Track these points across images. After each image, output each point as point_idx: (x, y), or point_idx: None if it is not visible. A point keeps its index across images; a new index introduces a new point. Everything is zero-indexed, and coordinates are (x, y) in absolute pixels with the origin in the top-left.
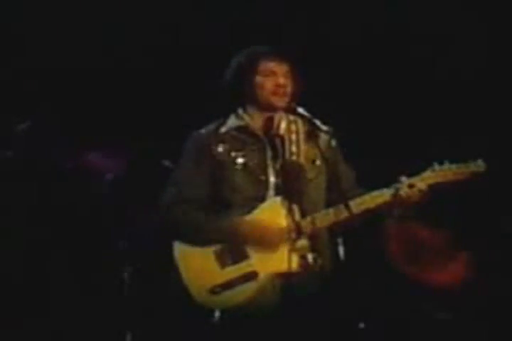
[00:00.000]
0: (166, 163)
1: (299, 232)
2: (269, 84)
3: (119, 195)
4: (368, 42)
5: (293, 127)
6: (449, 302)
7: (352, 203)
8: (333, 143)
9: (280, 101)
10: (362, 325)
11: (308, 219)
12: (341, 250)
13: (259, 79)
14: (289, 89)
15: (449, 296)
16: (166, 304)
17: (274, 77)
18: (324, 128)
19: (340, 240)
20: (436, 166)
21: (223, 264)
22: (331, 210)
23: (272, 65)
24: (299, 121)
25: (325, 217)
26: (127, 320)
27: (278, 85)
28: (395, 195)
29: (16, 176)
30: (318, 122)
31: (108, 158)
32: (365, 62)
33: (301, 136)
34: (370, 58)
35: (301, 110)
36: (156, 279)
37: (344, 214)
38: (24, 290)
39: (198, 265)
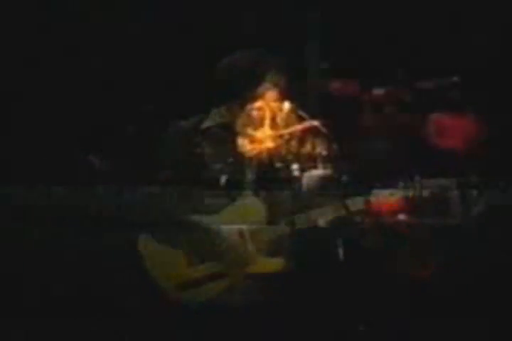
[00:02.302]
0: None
1: (293, 230)
2: (267, 94)
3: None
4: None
5: None
6: None
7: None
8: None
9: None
10: (362, 328)
11: (303, 216)
12: (341, 252)
13: (260, 89)
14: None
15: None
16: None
17: (275, 89)
18: (322, 130)
19: (339, 241)
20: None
21: (192, 261)
22: (327, 208)
23: (276, 77)
24: None
25: (320, 216)
26: (127, 324)
27: (275, 98)
28: (367, 205)
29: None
30: (313, 122)
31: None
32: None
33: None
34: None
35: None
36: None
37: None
38: (23, 293)
39: (165, 262)
